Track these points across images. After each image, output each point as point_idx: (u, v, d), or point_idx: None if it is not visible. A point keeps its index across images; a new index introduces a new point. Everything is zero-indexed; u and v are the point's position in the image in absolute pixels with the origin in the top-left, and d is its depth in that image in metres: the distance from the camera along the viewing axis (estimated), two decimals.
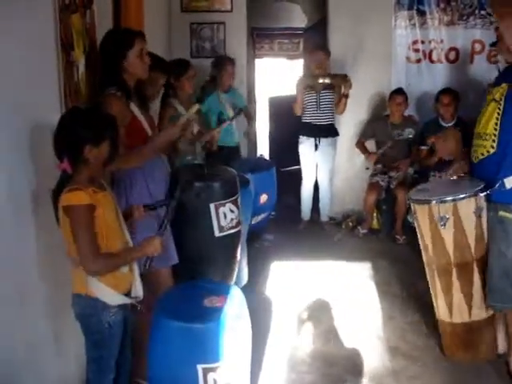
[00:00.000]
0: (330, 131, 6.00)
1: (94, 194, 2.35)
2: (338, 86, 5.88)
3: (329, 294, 4.66)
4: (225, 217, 3.39)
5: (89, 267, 2.36)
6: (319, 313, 4.35)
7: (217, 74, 5.50)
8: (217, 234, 3.37)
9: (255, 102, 8.89)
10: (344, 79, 5.79)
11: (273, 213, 5.90)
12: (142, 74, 3.11)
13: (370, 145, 6.26)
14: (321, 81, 5.79)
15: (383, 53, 6.40)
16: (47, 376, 2.67)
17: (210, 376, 2.53)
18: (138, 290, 2.64)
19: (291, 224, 6.26)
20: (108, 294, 2.47)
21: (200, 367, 2.52)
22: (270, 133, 9.30)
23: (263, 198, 5.24)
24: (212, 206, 3.36)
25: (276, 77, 12.17)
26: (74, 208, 2.30)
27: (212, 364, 2.53)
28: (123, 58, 3.00)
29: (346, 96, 5.84)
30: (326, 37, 6.72)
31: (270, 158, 8.34)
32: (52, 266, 2.66)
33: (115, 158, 2.51)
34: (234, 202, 3.48)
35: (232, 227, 3.47)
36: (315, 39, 7.54)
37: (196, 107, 3.37)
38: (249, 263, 4.65)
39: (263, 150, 9.38)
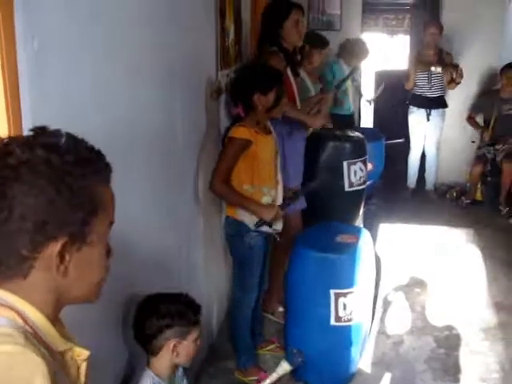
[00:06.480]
0: (440, 103, 6.23)
1: (255, 134, 2.83)
2: (448, 73, 6.07)
3: (433, 255, 4.95)
4: (355, 174, 3.78)
5: (213, 185, 2.86)
6: (425, 271, 4.64)
7: (347, 53, 5.83)
8: (346, 188, 3.79)
9: (361, 76, 9.10)
10: (455, 69, 5.98)
11: (379, 180, 6.18)
12: (296, 42, 3.53)
13: (479, 119, 6.38)
14: (433, 69, 6.02)
15: (494, 28, 6.49)
16: (201, 290, 3.17)
17: (341, 300, 2.94)
18: (278, 224, 3.07)
19: (397, 191, 6.52)
20: (250, 218, 2.94)
21: (333, 292, 2.93)
22: (374, 106, 9.48)
23: (369, 166, 5.54)
24: (345, 163, 3.78)
25: (379, 51, 12.33)
26: (233, 139, 2.80)
27: (343, 290, 2.94)
28: (280, 27, 3.41)
29: (457, 83, 6.05)
30: (435, 13, 6.86)
31: None
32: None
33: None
34: (363, 162, 3.90)
35: (360, 184, 3.89)
36: (423, 15, 7.66)
37: None
38: None
39: (367, 123, 9.60)
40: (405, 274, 4.59)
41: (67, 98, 1.62)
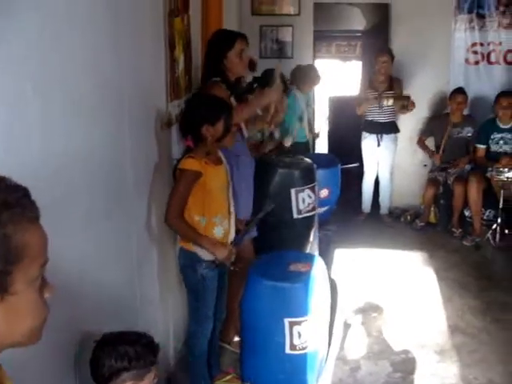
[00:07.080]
0: (392, 128, 6.34)
1: (204, 165, 2.82)
2: (400, 104, 6.19)
3: (389, 278, 5.01)
4: (303, 201, 3.80)
5: (168, 220, 2.83)
6: (380, 295, 4.69)
7: (300, 79, 5.92)
8: (295, 216, 3.80)
9: (314, 102, 9.25)
10: (407, 101, 6.12)
11: (335, 206, 6.24)
12: (240, 72, 3.53)
13: (430, 142, 6.51)
14: (384, 103, 6.14)
15: (442, 55, 6.68)
16: (157, 322, 3.15)
17: (295, 329, 2.94)
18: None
19: (352, 216, 6.59)
20: (202, 251, 2.91)
21: (287, 321, 2.93)
22: (328, 132, 9.60)
23: (323, 192, 5.60)
24: (293, 191, 3.79)
25: (332, 77, 12.57)
26: (184, 171, 2.80)
27: (298, 318, 2.94)
28: (224, 58, 3.41)
29: (410, 110, 6.17)
30: (386, 39, 7.03)
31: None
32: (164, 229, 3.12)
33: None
34: (312, 189, 3.90)
35: (308, 211, 3.90)
36: (374, 42, 7.85)
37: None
38: None
39: (321, 148, 9.71)
40: (361, 298, 4.62)
41: (9, 136, 1.59)
